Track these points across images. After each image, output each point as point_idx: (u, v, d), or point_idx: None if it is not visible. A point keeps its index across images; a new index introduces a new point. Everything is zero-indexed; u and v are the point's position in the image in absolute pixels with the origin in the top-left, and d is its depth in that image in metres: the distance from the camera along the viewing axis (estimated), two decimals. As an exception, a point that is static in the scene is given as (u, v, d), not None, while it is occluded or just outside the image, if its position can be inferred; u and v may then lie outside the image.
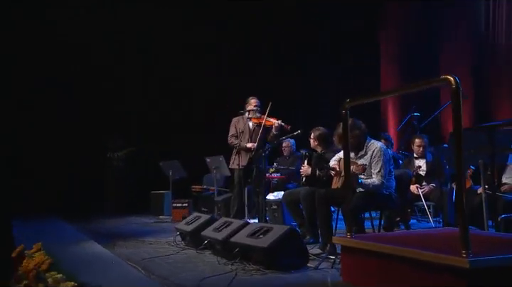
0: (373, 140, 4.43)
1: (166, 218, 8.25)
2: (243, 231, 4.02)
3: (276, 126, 5.78)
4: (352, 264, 3.15)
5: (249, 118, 6.13)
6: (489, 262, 2.34)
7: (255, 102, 6.13)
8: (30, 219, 8.21)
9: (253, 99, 6.19)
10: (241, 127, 6.21)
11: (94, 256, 4.34)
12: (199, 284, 3.30)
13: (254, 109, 6.07)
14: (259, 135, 5.93)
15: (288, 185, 7.20)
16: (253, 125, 6.13)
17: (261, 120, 5.92)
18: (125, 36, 10.03)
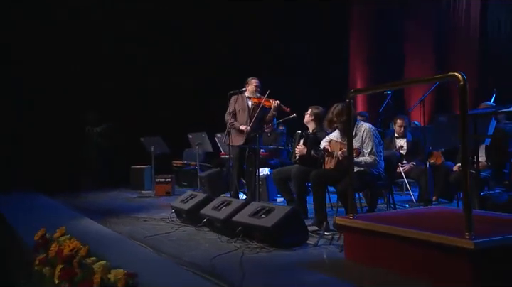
0: (362, 122, 4.59)
1: (148, 193, 8.28)
2: (244, 210, 4.12)
3: (275, 106, 5.80)
4: (354, 243, 3.31)
5: (248, 97, 6.08)
6: (492, 243, 2.54)
7: (256, 82, 6.07)
8: (13, 195, 8.11)
9: (254, 79, 6.12)
10: (240, 105, 6.12)
11: (98, 235, 4.34)
12: (211, 262, 3.41)
13: (254, 89, 6.04)
14: (256, 114, 5.93)
15: (270, 161, 7.34)
16: (252, 104, 6.06)
17: (260, 100, 5.92)
18: (104, 8, 9.78)
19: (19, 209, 6.40)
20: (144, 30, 10.13)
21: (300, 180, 5.00)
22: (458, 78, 2.62)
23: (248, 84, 6.16)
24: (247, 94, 6.06)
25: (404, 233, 2.87)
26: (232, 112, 6.13)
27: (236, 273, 3.11)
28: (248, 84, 6.16)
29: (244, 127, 5.95)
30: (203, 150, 8.09)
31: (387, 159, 4.46)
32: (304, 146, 5.10)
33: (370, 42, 12.58)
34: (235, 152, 6.07)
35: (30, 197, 8.09)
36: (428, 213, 3.58)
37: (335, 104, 4.60)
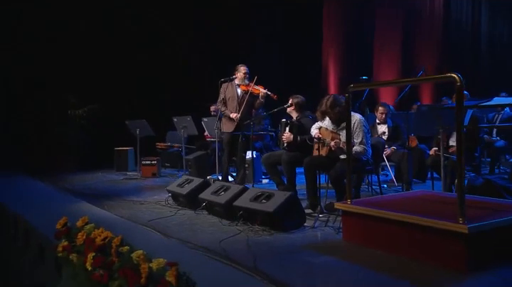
0: (353, 112, 4.80)
1: (133, 174, 8.30)
2: (244, 195, 4.28)
3: (262, 94, 5.91)
4: (352, 227, 3.53)
5: (237, 85, 6.14)
6: (483, 227, 2.80)
7: (244, 69, 6.13)
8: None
9: (242, 66, 6.17)
10: (230, 93, 6.17)
11: (106, 221, 4.42)
12: (220, 245, 3.57)
13: (243, 77, 6.10)
14: (245, 102, 6.01)
15: (255, 144, 7.50)
16: (241, 92, 6.12)
17: (248, 87, 5.99)
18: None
19: (14, 194, 6.39)
20: (127, 12, 9.99)
21: (290, 165, 5.20)
22: (455, 79, 2.84)
23: (237, 72, 6.23)
24: (237, 81, 6.14)
25: (402, 218, 3.10)
26: (222, 100, 6.21)
27: (246, 256, 3.29)
28: (237, 72, 6.23)
29: (235, 115, 6.04)
30: (188, 133, 8.16)
31: (374, 146, 4.70)
32: (290, 133, 5.28)
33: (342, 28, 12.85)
34: (226, 138, 6.19)
35: (17, 179, 8.05)
36: (416, 197, 3.83)
37: (327, 96, 4.79)
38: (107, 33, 9.76)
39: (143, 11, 10.04)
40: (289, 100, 5.57)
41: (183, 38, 10.28)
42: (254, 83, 6.03)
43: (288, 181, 5.26)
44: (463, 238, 2.76)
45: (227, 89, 6.21)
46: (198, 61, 10.37)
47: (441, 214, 3.08)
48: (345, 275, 2.94)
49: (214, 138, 7.36)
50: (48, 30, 9.28)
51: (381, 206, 3.43)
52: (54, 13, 9.28)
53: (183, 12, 10.28)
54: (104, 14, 9.73)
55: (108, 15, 9.78)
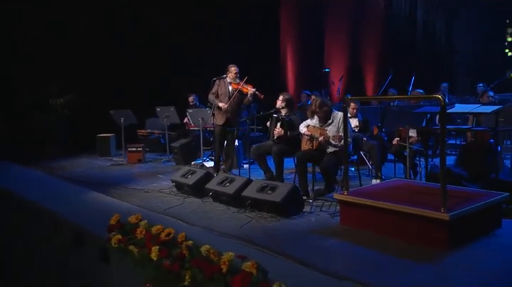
0: (336, 111, 5.35)
1: (119, 160, 8.50)
2: (251, 186, 4.73)
3: (251, 93, 6.25)
4: (348, 213, 4.10)
5: (229, 82, 6.42)
6: (459, 213, 3.44)
7: (235, 70, 6.41)
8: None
9: (233, 66, 6.44)
10: (222, 89, 6.46)
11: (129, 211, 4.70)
12: (241, 231, 4.03)
13: (234, 76, 6.39)
14: (235, 98, 6.33)
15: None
16: (232, 89, 6.42)
17: (239, 86, 6.29)
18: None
19: (19, 183, 6.47)
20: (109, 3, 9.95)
21: (279, 156, 5.69)
22: (439, 99, 3.43)
23: (229, 72, 6.50)
24: (228, 79, 6.45)
25: (394, 207, 3.71)
26: (215, 93, 6.49)
27: (267, 241, 3.76)
28: (229, 72, 6.50)
29: (222, 105, 6.36)
30: (171, 121, 8.44)
31: (354, 140, 5.28)
32: (281, 129, 5.77)
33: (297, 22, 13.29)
34: (217, 130, 6.55)
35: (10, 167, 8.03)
36: (397, 187, 4.43)
37: (315, 98, 5.31)
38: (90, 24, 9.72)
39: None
40: (280, 97, 6.04)
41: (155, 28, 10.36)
42: (244, 82, 6.41)
43: (277, 169, 5.75)
44: (445, 224, 3.40)
45: (219, 85, 6.52)
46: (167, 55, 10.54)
47: (423, 203, 3.71)
48: (352, 255, 3.50)
49: (197, 127, 7.73)
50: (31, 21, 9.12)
51: (373, 196, 4.02)
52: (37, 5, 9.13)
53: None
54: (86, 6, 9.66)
55: (91, 7, 9.71)
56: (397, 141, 6.12)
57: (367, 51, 14.28)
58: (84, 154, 9.27)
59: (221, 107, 6.39)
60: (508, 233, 3.88)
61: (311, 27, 13.21)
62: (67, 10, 9.48)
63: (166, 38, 10.48)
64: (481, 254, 3.42)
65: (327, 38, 13.61)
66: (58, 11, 9.40)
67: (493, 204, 3.85)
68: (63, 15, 9.50)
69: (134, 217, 3.50)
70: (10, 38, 9.11)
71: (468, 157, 5.31)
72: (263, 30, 12.01)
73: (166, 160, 8.33)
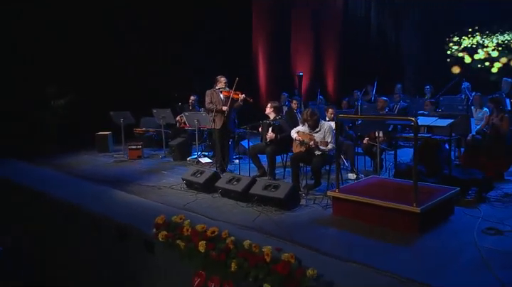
0: (323, 121, 6.05)
1: (120, 157, 8.87)
2: (256, 185, 5.36)
3: (241, 98, 6.81)
4: (340, 207, 4.82)
5: (220, 91, 6.92)
6: (427, 207, 4.26)
7: (224, 80, 6.93)
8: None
9: (222, 77, 6.94)
10: (215, 99, 6.92)
11: (155, 208, 5.24)
12: (255, 223, 4.67)
13: (224, 85, 6.93)
14: (229, 104, 6.86)
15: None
16: (224, 97, 6.93)
17: (230, 93, 6.82)
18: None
19: (37, 180, 6.79)
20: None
21: (272, 156, 6.40)
22: (414, 121, 4.20)
23: (218, 82, 7.02)
24: (219, 86, 6.93)
25: (376, 202, 4.48)
26: (210, 103, 6.99)
27: (278, 231, 4.43)
28: (218, 82, 7.02)
29: (226, 108, 6.87)
30: (166, 121, 8.91)
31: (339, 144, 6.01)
32: (272, 133, 6.44)
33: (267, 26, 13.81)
34: (217, 133, 7.07)
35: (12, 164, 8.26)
36: (376, 183, 5.21)
37: (306, 109, 5.98)
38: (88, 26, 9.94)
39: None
40: (268, 104, 6.69)
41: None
42: (234, 89, 6.94)
43: (270, 166, 6.43)
44: (416, 215, 4.20)
45: (212, 95, 7.01)
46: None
47: (398, 197, 4.49)
48: (349, 241, 4.20)
49: (192, 127, 8.26)
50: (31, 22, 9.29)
51: (359, 193, 4.77)
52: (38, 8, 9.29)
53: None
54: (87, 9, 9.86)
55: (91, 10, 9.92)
56: (367, 140, 6.91)
57: (327, 51, 14.95)
58: (83, 151, 9.57)
59: (224, 110, 6.88)
60: (459, 218, 4.72)
61: (279, 29, 13.77)
62: (68, 11, 9.69)
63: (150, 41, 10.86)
64: (442, 236, 4.25)
65: (293, 39, 14.20)
66: (59, 11, 9.59)
67: (450, 197, 4.70)
68: (63, 15, 9.71)
69: (177, 217, 4.10)
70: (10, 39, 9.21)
71: (423, 154, 6.11)
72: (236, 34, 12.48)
73: (164, 156, 8.81)
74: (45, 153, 9.13)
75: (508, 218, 4.61)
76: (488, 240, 4.08)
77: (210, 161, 7.94)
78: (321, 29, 14.54)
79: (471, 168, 5.76)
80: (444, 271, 3.47)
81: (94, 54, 10.02)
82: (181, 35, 11.40)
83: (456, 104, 7.75)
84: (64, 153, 9.29)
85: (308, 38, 14.36)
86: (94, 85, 9.95)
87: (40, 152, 9.17)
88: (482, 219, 4.62)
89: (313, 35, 14.33)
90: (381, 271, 3.43)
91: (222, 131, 7.03)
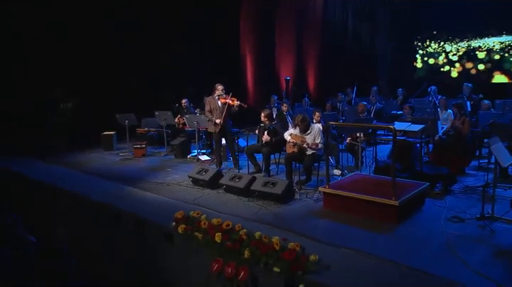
0: (312, 123, 6.52)
1: (126, 155, 9.18)
2: (256, 182, 5.80)
3: (236, 104, 7.19)
4: (329, 201, 5.31)
5: (218, 98, 7.28)
6: (404, 200, 4.79)
7: (221, 87, 7.29)
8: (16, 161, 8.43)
9: (220, 85, 7.30)
10: (213, 105, 7.29)
11: (169, 203, 5.63)
12: (257, 215, 5.12)
13: (221, 92, 7.30)
14: (225, 110, 7.23)
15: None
16: (221, 104, 7.30)
17: (226, 100, 7.19)
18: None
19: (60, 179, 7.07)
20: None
21: (267, 155, 6.86)
22: (391, 129, 4.70)
23: (216, 89, 7.37)
24: (217, 94, 7.29)
25: (360, 197, 4.99)
26: (209, 110, 7.37)
27: (278, 222, 4.90)
28: (216, 89, 7.37)
29: (219, 121, 7.26)
30: (167, 123, 9.25)
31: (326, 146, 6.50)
32: (268, 136, 6.89)
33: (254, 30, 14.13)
34: (216, 136, 7.46)
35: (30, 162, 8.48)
36: (359, 180, 5.72)
37: (298, 115, 6.43)
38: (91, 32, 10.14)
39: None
40: (262, 113, 7.12)
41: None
42: (230, 96, 7.32)
43: (265, 164, 6.90)
44: (395, 207, 4.73)
45: (211, 102, 7.38)
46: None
47: (379, 192, 5.01)
48: (340, 230, 4.67)
49: (191, 128, 8.65)
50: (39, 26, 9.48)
51: (345, 188, 5.27)
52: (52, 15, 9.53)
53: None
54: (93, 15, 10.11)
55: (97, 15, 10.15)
56: (349, 139, 7.44)
57: (308, 55, 15.32)
58: (89, 149, 9.83)
59: (218, 123, 7.28)
60: (429, 208, 5.25)
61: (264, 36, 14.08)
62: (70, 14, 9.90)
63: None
64: (416, 224, 4.79)
65: (277, 44, 14.54)
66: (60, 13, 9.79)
67: (422, 191, 5.25)
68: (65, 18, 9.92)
69: (195, 213, 4.54)
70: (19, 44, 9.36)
71: (398, 153, 6.63)
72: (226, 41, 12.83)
73: (165, 154, 9.16)
74: (55, 152, 9.35)
75: (469, 207, 5.17)
76: (452, 227, 4.64)
77: (209, 158, 8.37)
78: (303, 34, 14.87)
79: (438, 165, 6.33)
80: (419, 254, 3.99)
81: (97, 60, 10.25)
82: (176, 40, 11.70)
83: (424, 107, 8.31)
84: (72, 151, 9.54)
85: (291, 43, 14.71)
86: (97, 89, 10.19)
87: (51, 151, 9.39)
88: (447, 209, 5.17)
89: (295, 40, 14.67)
90: (368, 254, 3.95)
91: (220, 134, 7.44)
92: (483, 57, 12.42)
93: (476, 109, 8.48)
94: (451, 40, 13.04)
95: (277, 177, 6.41)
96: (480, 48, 12.42)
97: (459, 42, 12.80)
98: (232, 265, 3.95)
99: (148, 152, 9.42)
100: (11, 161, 8.56)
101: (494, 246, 4.12)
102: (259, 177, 6.09)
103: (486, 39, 12.24)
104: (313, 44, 15.36)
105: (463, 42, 12.70)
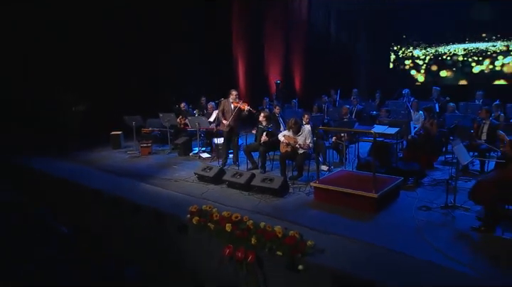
0: (303, 126, 7.05)
1: (133, 153, 9.54)
2: (255, 178, 6.32)
3: (246, 109, 7.59)
4: (320, 194, 5.85)
5: (231, 102, 7.66)
6: (382, 193, 5.37)
7: (235, 93, 7.67)
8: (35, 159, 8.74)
9: (234, 91, 7.69)
10: (227, 107, 7.62)
11: (178, 198, 6.10)
12: (258, 207, 5.63)
13: (235, 97, 7.67)
14: (236, 113, 7.59)
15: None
16: (234, 107, 7.61)
17: (238, 104, 7.58)
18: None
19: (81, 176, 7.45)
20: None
21: (264, 154, 7.38)
22: (373, 134, 5.26)
23: (230, 94, 7.75)
24: (231, 99, 7.71)
25: (347, 191, 5.56)
26: (222, 111, 7.76)
27: (278, 213, 5.41)
28: (230, 94, 7.75)
29: (226, 122, 7.68)
30: (171, 123, 9.66)
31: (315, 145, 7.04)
32: (266, 137, 7.39)
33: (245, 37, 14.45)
34: (225, 134, 7.84)
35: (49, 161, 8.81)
36: (344, 175, 6.28)
37: (291, 119, 6.94)
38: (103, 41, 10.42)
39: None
40: (261, 113, 7.62)
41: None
42: (242, 101, 7.73)
43: (262, 161, 7.41)
44: (374, 199, 5.31)
45: (225, 104, 7.78)
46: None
47: (362, 186, 5.58)
48: (329, 219, 5.19)
49: (193, 128, 9.09)
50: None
51: (333, 183, 5.82)
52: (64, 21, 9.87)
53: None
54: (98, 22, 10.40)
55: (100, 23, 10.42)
56: (334, 139, 8.00)
57: (295, 57, 15.74)
58: (98, 148, 10.18)
59: (225, 124, 7.72)
60: (403, 199, 5.84)
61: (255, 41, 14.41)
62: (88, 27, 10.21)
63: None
64: (391, 213, 5.37)
65: (266, 49, 14.92)
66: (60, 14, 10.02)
67: (397, 185, 5.85)
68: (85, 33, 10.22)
69: (207, 206, 5.04)
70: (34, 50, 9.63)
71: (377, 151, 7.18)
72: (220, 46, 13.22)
73: (169, 151, 9.59)
74: (68, 151, 9.68)
75: (436, 198, 5.78)
76: (422, 214, 5.24)
77: (209, 156, 8.84)
78: (290, 40, 15.26)
79: (410, 161, 6.94)
80: (395, 238, 4.58)
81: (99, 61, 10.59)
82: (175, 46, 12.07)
83: (399, 109, 8.93)
84: (84, 150, 9.87)
85: (279, 48, 15.09)
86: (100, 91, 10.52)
87: (65, 149, 9.72)
88: (418, 199, 5.78)
89: (283, 45, 15.06)
90: (354, 239, 4.52)
91: (229, 133, 7.83)
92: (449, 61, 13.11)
93: (443, 111, 9.14)
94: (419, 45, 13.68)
95: (273, 174, 6.93)
96: (445, 54, 13.11)
97: (427, 47, 13.45)
98: (242, 250, 4.47)
99: (153, 150, 9.82)
100: (31, 160, 8.87)
101: (455, 230, 4.74)
102: (258, 174, 6.60)
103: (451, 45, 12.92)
104: (298, 47, 15.71)
105: (431, 48, 13.36)
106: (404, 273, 3.82)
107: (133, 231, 5.89)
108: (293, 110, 10.10)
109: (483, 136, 6.94)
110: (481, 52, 12.34)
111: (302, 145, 6.67)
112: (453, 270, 3.83)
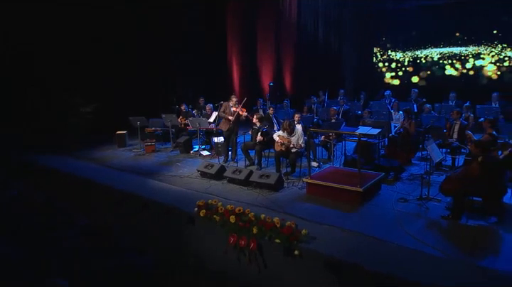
0: (296, 127, 7.46)
1: (138, 151, 9.85)
2: (253, 175, 6.74)
3: (244, 115, 8.00)
4: (311, 188, 6.27)
5: (232, 106, 8.02)
6: (367, 187, 5.82)
7: (235, 98, 8.03)
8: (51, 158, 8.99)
9: (234, 97, 8.05)
10: (227, 110, 7.95)
11: (184, 193, 6.47)
12: (257, 201, 6.06)
13: (235, 102, 8.02)
14: (236, 117, 7.97)
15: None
16: (234, 111, 7.97)
17: (237, 109, 7.94)
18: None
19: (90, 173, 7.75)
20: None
21: (260, 152, 7.79)
22: (358, 135, 5.71)
23: (231, 100, 8.10)
24: (231, 103, 8.08)
25: (336, 185, 6.00)
26: (223, 111, 8.11)
27: (274, 206, 5.84)
28: (231, 100, 8.10)
29: (231, 117, 8.01)
30: (173, 124, 10.00)
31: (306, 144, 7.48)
32: (261, 137, 7.80)
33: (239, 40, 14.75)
34: (226, 134, 8.22)
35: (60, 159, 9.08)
36: (332, 171, 6.73)
37: (285, 121, 7.35)
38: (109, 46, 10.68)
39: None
40: (255, 115, 8.02)
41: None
42: (241, 106, 8.09)
43: (258, 159, 7.81)
44: (360, 193, 5.77)
45: (226, 106, 8.12)
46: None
47: (348, 181, 6.03)
48: (320, 211, 5.62)
49: (194, 128, 9.45)
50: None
51: (323, 179, 6.26)
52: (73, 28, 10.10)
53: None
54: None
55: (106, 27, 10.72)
56: (323, 137, 8.45)
57: (286, 59, 16.04)
58: (105, 146, 10.46)
59: (230, 119, 8.07)
60: (384, 192, 6.30)
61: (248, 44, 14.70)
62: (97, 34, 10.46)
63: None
64: (374, 205, 5.84)
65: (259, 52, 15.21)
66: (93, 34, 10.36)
67: (379, 179, 6.32)
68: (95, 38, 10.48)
69: (213, 201, 5.44)
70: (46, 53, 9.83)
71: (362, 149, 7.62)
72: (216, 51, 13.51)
73: (172, 150, 9.93)
74: (76, 149, 9.95)
75: (413, 191, 6.27)
76: (400, 206, 5.71)
77: (209, 153, 9.22)
78: (281, 44, 15.53)
79: (391, 158, 7.43)
80: (378, 227, 5.04)
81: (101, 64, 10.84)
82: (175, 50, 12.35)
83: (381, 110, 9.40)
84: (92, 148, 10.15)
85: (271, 51, 15.38)
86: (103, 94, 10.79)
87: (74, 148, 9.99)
88: (397, 192, 6.25)
89: (274, 48, 15.36)
90: (343, 228, 4.97)
91: (229, 133, 8.21)
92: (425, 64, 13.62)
93: (420, 111, 9.64)
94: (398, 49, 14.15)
95: (269, 170, 7.35)
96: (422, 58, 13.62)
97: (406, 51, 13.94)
98: (244, 238, 4.89)
99: (157, 148, 10.15)
100: (44, 158, 9.13)
101: (428, 219, 5.23)
102: (256, 170, 7.02)
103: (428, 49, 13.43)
104: (289, 50, 15.96)
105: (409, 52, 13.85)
106: (384, 256, 4.29)
107: (144, 225, 6.26)
108: (285, 111, 10.50)
109: (454, 135, 7.45)
110: (455, 55, 12.88)
111: (295, 145, 7.09)
112: (425, 253, 4.30)
